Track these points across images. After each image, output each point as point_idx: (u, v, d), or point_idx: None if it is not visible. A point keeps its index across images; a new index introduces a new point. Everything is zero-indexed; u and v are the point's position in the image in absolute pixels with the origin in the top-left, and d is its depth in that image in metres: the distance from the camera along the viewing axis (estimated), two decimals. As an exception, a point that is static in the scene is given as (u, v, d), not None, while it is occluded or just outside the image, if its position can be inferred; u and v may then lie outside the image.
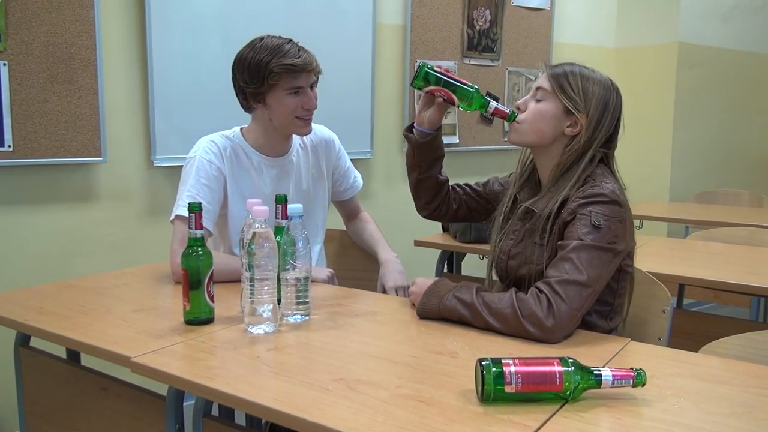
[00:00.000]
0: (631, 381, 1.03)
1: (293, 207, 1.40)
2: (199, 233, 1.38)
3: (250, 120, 1.88)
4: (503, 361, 1.02)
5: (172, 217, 1.76)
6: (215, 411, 1.32)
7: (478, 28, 3.65)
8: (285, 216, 1.44)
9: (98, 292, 1.69)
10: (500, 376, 1.00)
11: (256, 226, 1.32)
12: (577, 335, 1.34)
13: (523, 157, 1.62)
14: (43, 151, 2.32)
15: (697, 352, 1.29)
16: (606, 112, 1.46)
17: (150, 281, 1.79)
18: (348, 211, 2.15)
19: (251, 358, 1.22)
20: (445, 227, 2.67)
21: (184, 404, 1.32)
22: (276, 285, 1.35)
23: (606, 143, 1.48)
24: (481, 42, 3.68)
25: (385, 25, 3.32)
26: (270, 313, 1.34)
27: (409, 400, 1.03)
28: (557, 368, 1.02)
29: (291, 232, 1.39)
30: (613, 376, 1.03)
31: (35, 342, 1.62)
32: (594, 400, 1.04)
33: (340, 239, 2.19)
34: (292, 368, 1.18)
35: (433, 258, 2.69)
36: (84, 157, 2.42)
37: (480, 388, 1.02)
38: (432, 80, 1.55)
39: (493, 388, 1.00)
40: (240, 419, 1.72)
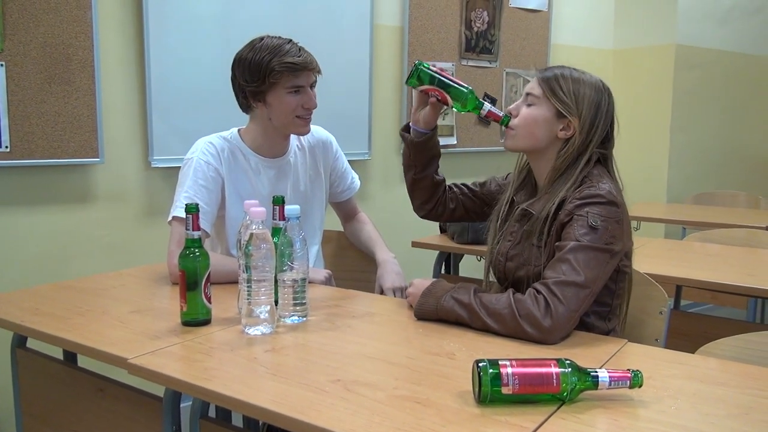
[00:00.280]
0: (628, 382, 1.03)
1: (290, 208, 1.40)
2: (196, 234, 1.38)
3: (247, 121, 1.88)
4: (500, 362, 1.02)
5: (170, 218, 1.76)
6: (212, 412, 1.32)
7: (475, 29, 3.65)
8: (282, 217, 1.44)
9: (95, 293, 1.69)
10: (497, 378, 1.00)
11: (254, 227, 1.32)
12: (574, 336, 1.34)
13: (520, 161, 1.62)
14: (41, 152, 2.32)
15: (694, 353, 1.30)
16: (599, 114, 1.46)
17: (147, 282, 1.79)
18: (345, 212, 2.15)
19: (248, 359, 1.22)
20: (443, 228, 2.67)
21: (181, 405, 1.32)
22: (273, 286, 1.35)
23: (602, 144, 1.49)
24: (478, 43, 3.68)
25: (383, 27, 3.32)
26: (267, 315, 1.34)
27: (406, 401, 1.03)
28: (554, 369, 1.02)
29: (288, 233, 1.39)
30: (610, 377, 1.03)
31: (32, 343, 1.61)
32: (591, 401, 1.04)
33: (337, 240, 2.19)
34: (290, 369, 1.18)
35: (430, 259, 2.69)
36: (81, 158, 2.42)
37: (477, 390, 1.02)
38: (426, 79, 1.54)
39: (490, 390, 1.00)
40: (237, 421, 1.72)
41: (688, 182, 4.30)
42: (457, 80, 1.55)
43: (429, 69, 1.55)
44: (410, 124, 1.64)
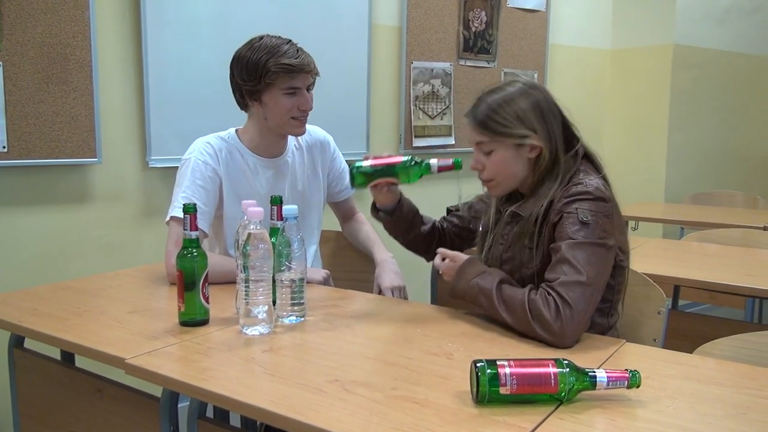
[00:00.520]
0: (626, 382, 1.03)
1: (288, 208, 1.40)
2: (194, 234, 1.38)
3: (245, 121, 1.87)
4: (498, 362, 1.02)
5: (167, 218, 1.76)
6: (210, 413, 1.32)
7: (473, 29, 3.65)
8: (280, 217, 1.44)
9: (93, 294, 1.68)
10: (495, 378, 1.00)
11: (252, 227, 1.32)
12: (572, 336, 1.34)
13: None
14: (38, 151, 2.32)
15: (692, 353, 1.30)
16: (545, 115, 1.45)
17: (145, 282, 1.79)
18: (343, 212, 2.15)
19: (246, 359, 1.22)
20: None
21: (179, 406, 1.31)
22: (271, 286, 1.35)
23: (568, 140, 1.48)
24: (476, 43, 3.68)
25: (381, 27, 3.32)
26: (265, 315, 1.34)
27: (404, 401, 1.03)
28: (552, 370, 1.02)
29: (286, 233, 1.39)
30: (607, 377, 1.03)
31: (29, 343, 1.61)
32: (589, 401, 1.04)
33: (335, 240, 2.19)
34: (287, 370, 1.17)
35: (428, 259, 2.69)
36: (79, 157, 2.41)
37: (475, 390, 1.02)
38: (367, 176, 1.56)
39: (488, 390, 1.01)
40: (235, 421, 1.72)
41: (686, 182, 4.31)
42: (392, 158, 1.56)
43: (362, 167, 1.56)
44: (376, 205, 1.68)
